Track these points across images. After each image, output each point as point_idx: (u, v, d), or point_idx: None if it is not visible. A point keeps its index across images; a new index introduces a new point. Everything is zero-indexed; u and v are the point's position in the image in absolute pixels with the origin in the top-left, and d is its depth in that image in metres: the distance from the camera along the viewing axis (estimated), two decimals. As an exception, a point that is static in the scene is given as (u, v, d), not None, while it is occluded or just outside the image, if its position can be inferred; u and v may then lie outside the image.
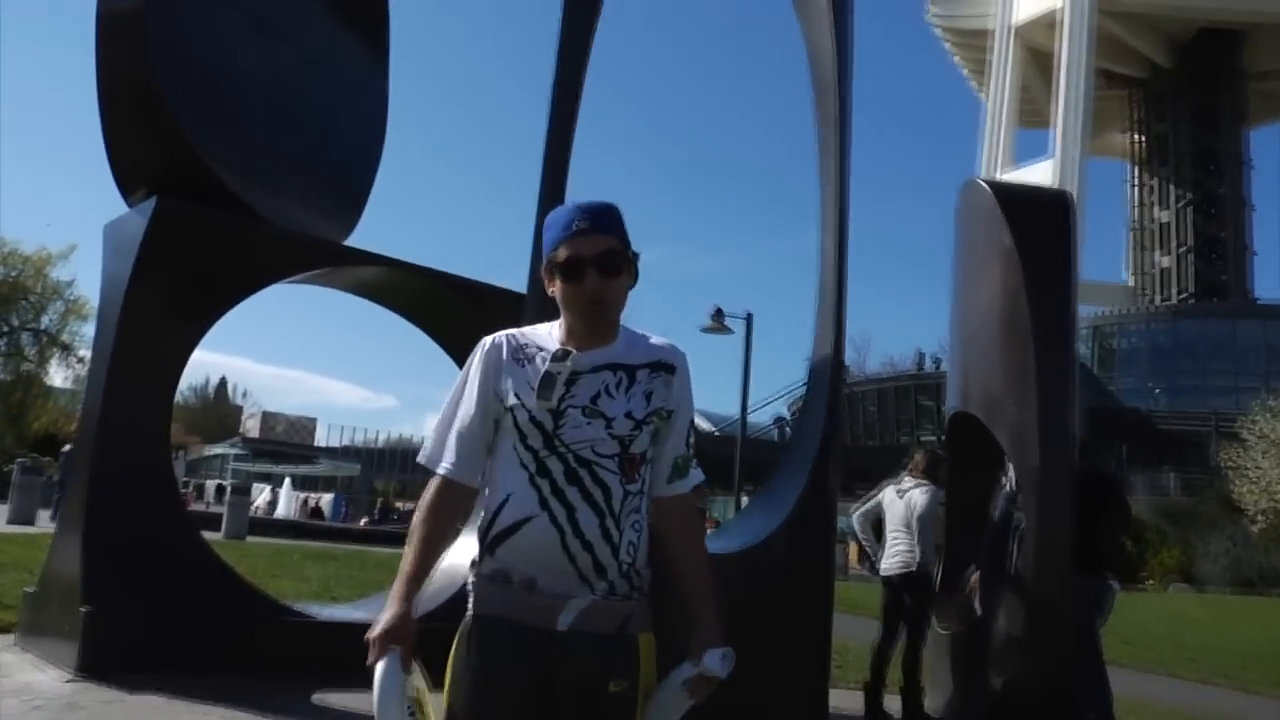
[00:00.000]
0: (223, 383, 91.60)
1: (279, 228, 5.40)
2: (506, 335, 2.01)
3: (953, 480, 5.93)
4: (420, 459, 1.99)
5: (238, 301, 5.03)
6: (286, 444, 70.16)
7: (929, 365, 48.81)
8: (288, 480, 40.64)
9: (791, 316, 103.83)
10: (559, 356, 1.94)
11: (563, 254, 1.96)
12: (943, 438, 6.66)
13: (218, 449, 76.43)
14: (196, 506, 34.64)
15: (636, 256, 2.03)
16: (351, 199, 6.40)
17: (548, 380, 1.92)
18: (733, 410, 25.83)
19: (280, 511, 35.25)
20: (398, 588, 1.87)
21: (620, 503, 1.93)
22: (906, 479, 5.93)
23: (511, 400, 1.92)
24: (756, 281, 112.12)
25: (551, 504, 1.87)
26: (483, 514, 1.96)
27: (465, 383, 1.98)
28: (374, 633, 1.81)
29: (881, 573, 5.86)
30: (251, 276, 5.14)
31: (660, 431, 2.02)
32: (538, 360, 1.96)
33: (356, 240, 6.30)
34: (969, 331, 5.88)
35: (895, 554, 5.77)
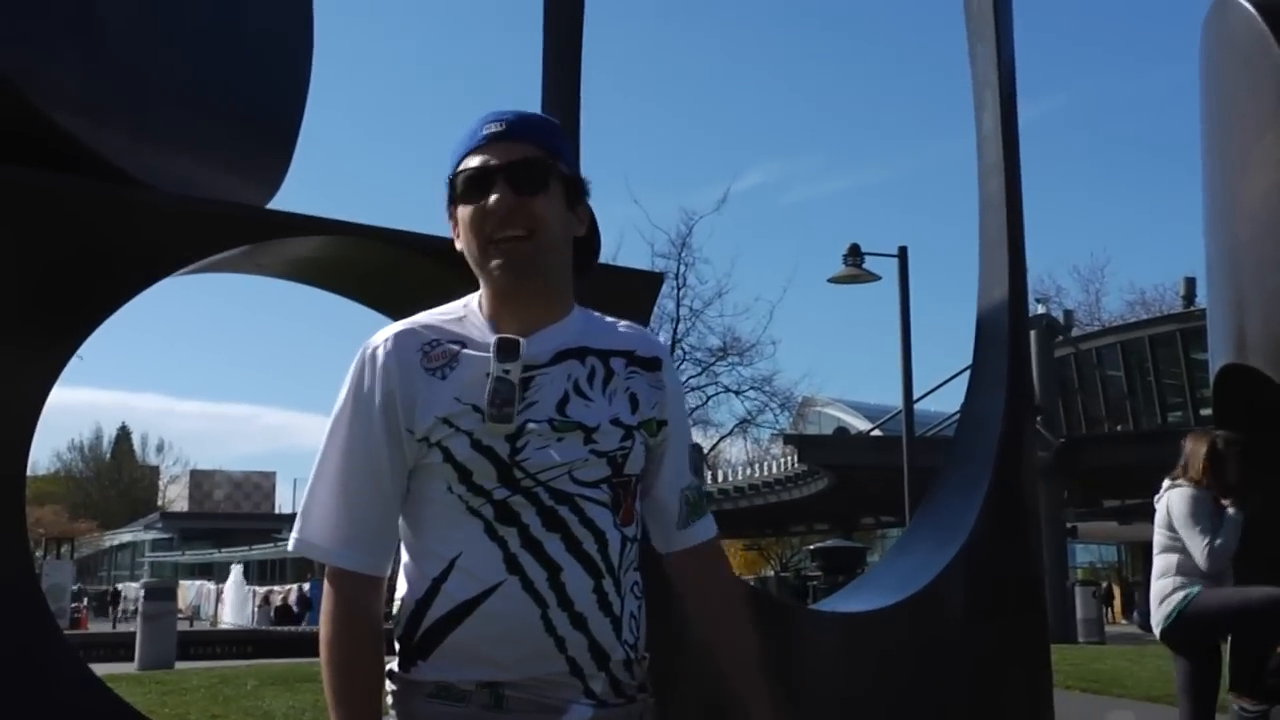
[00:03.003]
0: (124, 434, 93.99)
1: (166, 193, 5.51)
2: (404, 331, 2.02)
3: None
4: (298, 547, 1.99)
5: (114, 308, 5.12)
6: (232, 515, 72.03)
7: (1204, 297, 47.67)
8: (236, 570, 41.65)
9: (970, 249, 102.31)
10: (505, 349, 1.95)
11: (464, 166, 2.02)
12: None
13: (125, 535, 78.23)
14: (98, 626, 35.65)
15: (584, 183, 2.08)
16: (273, 139, 6.51)
17: (502, 390, 1.93)
18: (899, 398, 25.66)
19: (228, 618, 36.12)
20: None
21: (619, 553, 1.98)
22: (1166, 482, 5.83)
23: (438, 430, 1.93)
24: (915, 201, 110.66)
25: (524, 562, 1.90)
26: (402, 595, 1.98)
27: (350, 418, 1.98)
28: None
29: (1154, 631, 5.79)
30: (132, 269, 5.24)
31: (654, 452, 2.07)
32: (464, 360, 1.97)
33: (283, 202, 6.42)
34: (1238, 243, 5.76)
35: (1154, 596, 5.68)
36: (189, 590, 43.99)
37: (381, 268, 6.04)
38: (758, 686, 2.10)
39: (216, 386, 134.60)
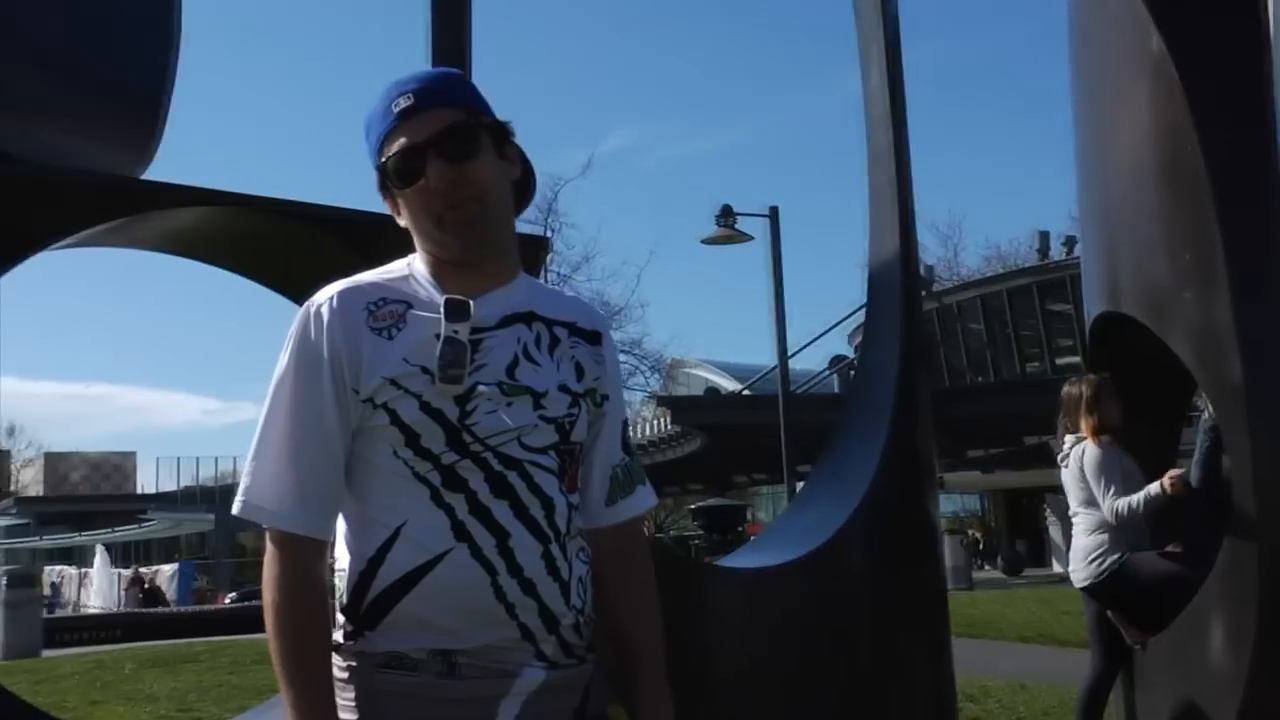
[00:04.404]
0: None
1: (33, 164, 5.34)
2: (348, 289, 2.00)
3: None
4: (244, 510, 1.95)
5: (-15, 287, 4.98)
6: (91, 497, 70.09)
7: (1057, 251, 49.11)
8: (101, 553, 40.76)
9: (835, 206, 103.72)
10: (455, 310, 1.94)
11: (389, 150, 1.99)
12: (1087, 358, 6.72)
13: (-22, 522, 75.70)
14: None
15: (507, 128, 2.07)
16: (143, 106, 6.32)
17: (452, 351, 1.92)
18: (767, 357, 26.00)
19: (95, 601, 35.42)
20: (301, 692, 1.87)
21: (565, 519, 1.99)
22: (1066, 439, 6.02)
23: (385, 391, 1.91)
24: (776, 162, 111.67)
25: (472, 529, 1.89)
26: (345, 565, 1.96)
27: (295, 378, 1.96)
28: None
29: (1075, 583, 6.00)
30: (1, 246, 5.09)
31: (593, 426, 2.09)
32: (411, 320, 1.96)
33: (158, 172, 6.25)
34: (1110, 194, 5.90)
35: (1080, 551, 5.87)
36: (53, 576, 42.97)
37: (268, 239, 5.93)
38: (656, 674, 2.13)
39: (70, 366, 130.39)
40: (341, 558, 1.97)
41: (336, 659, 1.93)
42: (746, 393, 41.60)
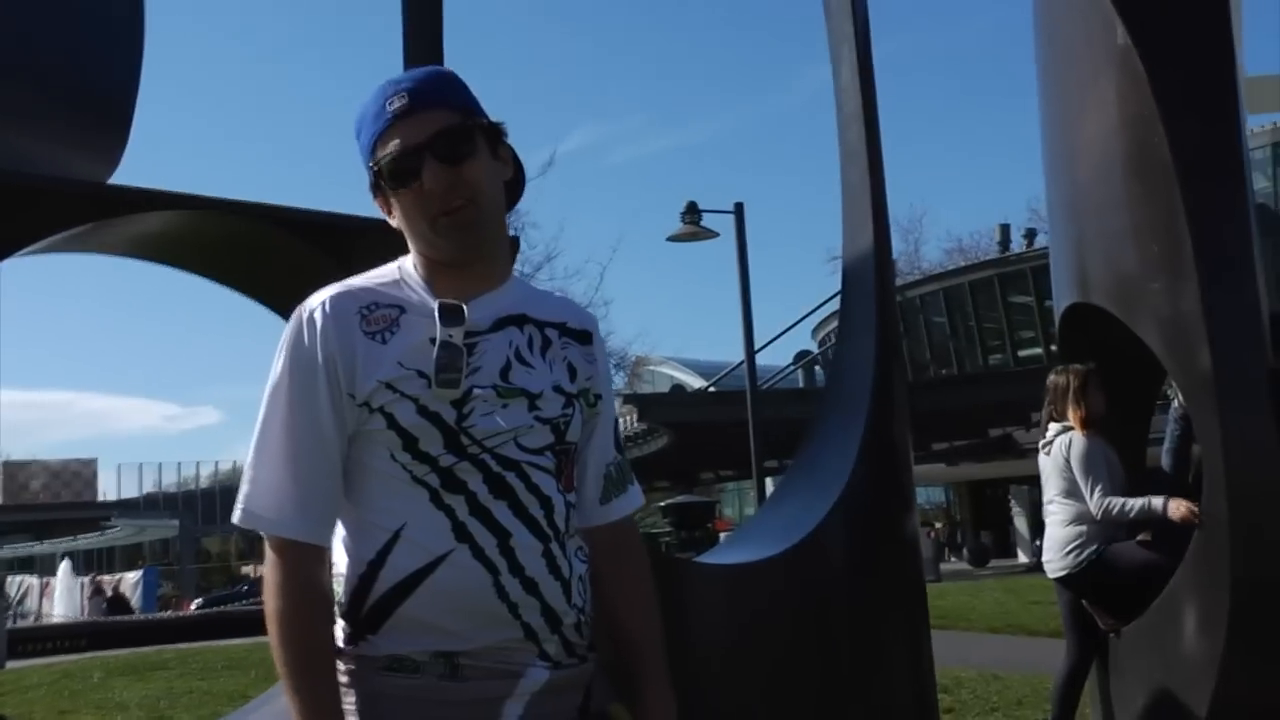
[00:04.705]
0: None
1: (2, 171, 5.30)
2: (340, 293, 1.99)
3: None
4: (244, 519, 1.94)
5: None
6: (52, 505, 69.46)
7: (1017, 243, 49.46)
8: (65, 563, 40.47)
9: (802, 202, 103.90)
10: (450, 314, 1.94)
11: (383, 151, 1.98)
12: (1053, 348, 6.79)
13: (-63, 534, 74.82)
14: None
15: (500, 129, 2.07)
16: (110, 111, 6.28)
17: (449, 355, 1.92)
18: (731, 354, 26.02)
19: (59, 610, 35.13)
20: (307, 698, 1.86)
21: (564, 519, 2.00)
22: (1051, 426, 6.06)
23: (380, 395, 1.91)
24: (743, 157, 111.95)
25: (473, 530, 1.90)
26: (344, 569, 1.96)
27: (290, 384, 1.95)
28: None
29: (1049, 573, 6.05)
30: (-28, 253, 5.04)
31: (587, 425, 2.11)
32: (405, 324, 1.96)
33: (125, 176, 6.21)
34: (1077, 186, 5.94)
35: (1057, 541, 5.91)
36: (12, 585, 42.60)
37: (239, 243, 5.89)
38: (656, 668, 2.15)
39: (27, 373, 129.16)
40: (339, 562, 1.96)
41: (337, 663, 1.93)
42: (713, 389, 41.67)
